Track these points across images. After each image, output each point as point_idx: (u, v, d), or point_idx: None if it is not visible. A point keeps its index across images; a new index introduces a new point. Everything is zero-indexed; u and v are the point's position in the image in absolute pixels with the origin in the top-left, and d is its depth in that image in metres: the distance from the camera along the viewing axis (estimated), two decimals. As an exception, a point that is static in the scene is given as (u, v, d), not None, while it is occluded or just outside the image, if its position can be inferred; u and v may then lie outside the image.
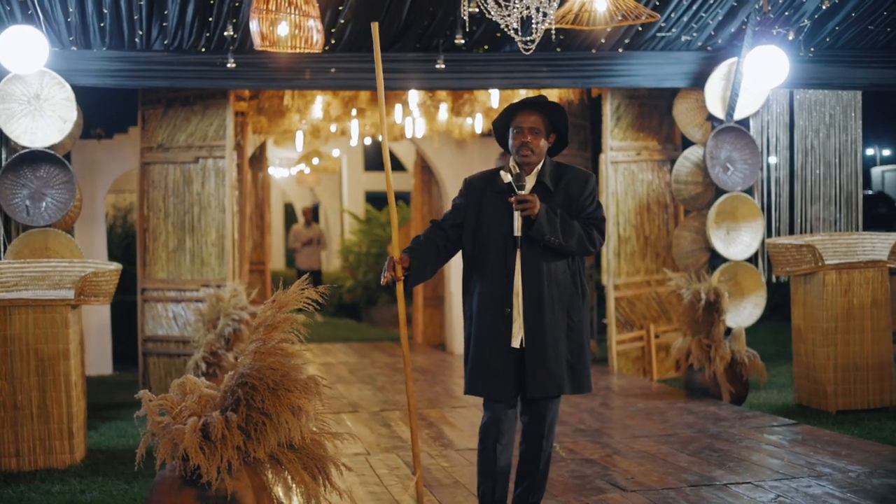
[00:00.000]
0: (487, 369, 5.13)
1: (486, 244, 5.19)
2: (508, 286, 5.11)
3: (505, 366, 5.12)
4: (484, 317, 5.15)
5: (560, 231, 5.07)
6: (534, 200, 5.03)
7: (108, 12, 9.00)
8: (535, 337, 5.09)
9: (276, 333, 5.09)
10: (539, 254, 5.11)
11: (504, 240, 5.14)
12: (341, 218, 23.28)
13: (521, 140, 5.15)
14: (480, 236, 5.21)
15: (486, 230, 5.19)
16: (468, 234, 5.25)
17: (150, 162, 10.57)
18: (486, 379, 5.14)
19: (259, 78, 9.99)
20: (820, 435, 7.69)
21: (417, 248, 5.27)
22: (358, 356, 13.51)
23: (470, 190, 5.31)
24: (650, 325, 11.27)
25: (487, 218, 5.20)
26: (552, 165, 5.25)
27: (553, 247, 5.09)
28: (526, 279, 5.10)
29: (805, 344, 9.05)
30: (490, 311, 5.14)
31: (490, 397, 5.17)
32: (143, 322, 10.52)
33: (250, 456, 4.93)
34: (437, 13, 9.52)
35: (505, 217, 5.16)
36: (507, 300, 5.10)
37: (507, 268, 5.12)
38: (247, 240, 12.12)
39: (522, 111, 5.21)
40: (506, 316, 5.10)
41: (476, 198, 5.26)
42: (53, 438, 7.49)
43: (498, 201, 5.19)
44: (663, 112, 11.39)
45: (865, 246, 9.25)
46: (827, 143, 10.92)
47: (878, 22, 10.26)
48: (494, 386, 5.13)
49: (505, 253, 5.13)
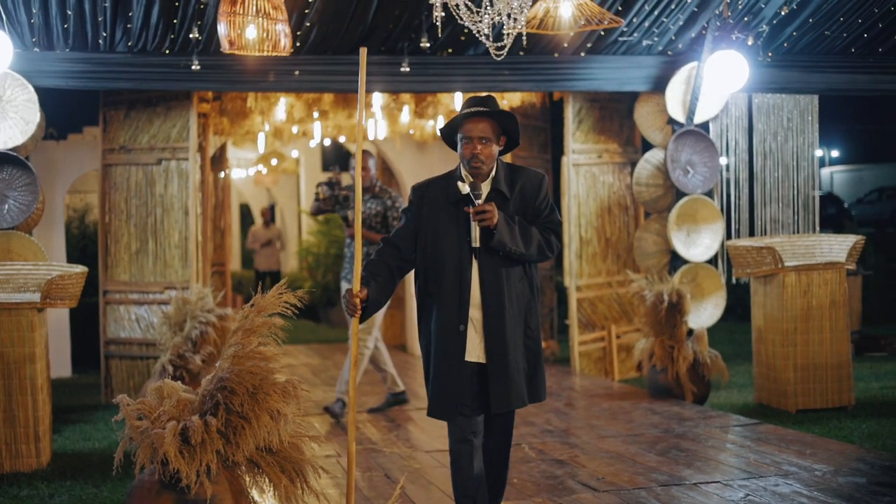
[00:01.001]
0: (451, 389, 4.98)
1: (442, 255, 5.00)
2: (465, 299, 4.96)
3: (469, 382, 4.99)
4: (442, 333, 5.00)
5: (520, 239, 4.94)
6: (492, 211, 4.85)
7: (72, 13, 8.94)
8: (497, 350, 4.96)
9: (253, 338, 5.10)
10: (497, 263, 4.96)
11: (460, 251, 4.97)
12: (299, 219, 23.22)
13: (471, 151, 4.97)
14: (436, 247, 5.02)
15: (442, 241, 5.01)
16: (423, 245, 5.06)
17: (111, 163, 10.50)
18: (452, 399, 4.99)
19: (223, 80, 9.97)
20: (783, 434, 7.83)
21: (372, 277, 5.04)
22: (320, 358, 13.50)
23: (422, 199, 5.12)
24: (611, 326, 11.40)
25: (442, 228, 5.02)
26: (506, 169, 5.10)
27: (512, 256, 4.95)
28: (485, 290, 4.96)
29: (765, 344, 9.20)
30: (448, 326, 4.98)
31: (456, 416, 5.01)
32: (105, 324, 10.45)
33: (229, 460, 4.94)
34: (402, 17, 9.56)
35: (461, 227, 4.99)
36: (463, 317, 4.96)
37: (464, 280, 4.96)
38: (208, 241, 12.07)
39: (470, 119, 5.01)
40: (460, 332, 4.96)
41: (429, 207, 5.08)
42: (20, 442, 7.44)
43: (453, 211, 5.02)
44: (624, 115, 11.52)
45: (823, 248, 9.41)
46: (785, 146, 11.10)
47: (834, 28, 10.46)
48: (461, 404, 4.98)
49: (461, 264, 4.97)
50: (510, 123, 5.07)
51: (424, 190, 5.16)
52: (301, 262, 20.79)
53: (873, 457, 6.99)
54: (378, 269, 5.08)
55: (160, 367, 8.75)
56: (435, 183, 5.18)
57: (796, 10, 10.07)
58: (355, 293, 4.97)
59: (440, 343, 5.01)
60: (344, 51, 9.95)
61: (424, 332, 5.15)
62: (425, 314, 5.13)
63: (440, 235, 5.02)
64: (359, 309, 4.98)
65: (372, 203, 9.12)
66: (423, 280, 5.10)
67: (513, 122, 5.08)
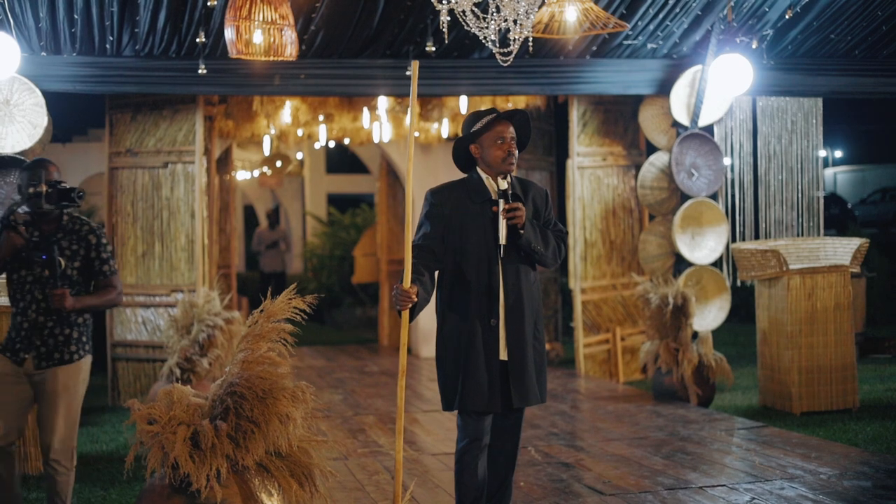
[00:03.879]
0: (480, 383, 5.07)
1: (468, 255, 5.13)
2: (494, 297, 5.09)
3: (494, 379, 5.08)
4: (472, 330, 5.10)
5: (542, 241, 5.12)
6: (522, 208, 5.03)
7: (79, 18, 8.98)
8: (517, 347, 5.09)
9: (263, 343, 5.14)
10: (518, 265, 5.12)
11: (487, 250, 5.10)
12: (303, 220, 23.26)
13: (507, 149, 5.13)
14: (463, 246, 5.14)
15: (469, 240, 5.13)
16: (451, 245, 5.17)
17: (118, 167, 10.55)
18: (479, 394, 5.07)
19: (230, 84, 10.00)
20: (788, 437, 7.86)
21: (419, 278, 5.06)
22: (325, 360, 13.54)
23: (444, 201, 5.20)
24: (616, 329, 11.43)
25: (468, 228, 5.14)
26: (516, 179, 5.25)
27: (535, 256, 5.11)
28: (507, 289, 5.10)
29: (770, 347, 9.23)
30: (477, 323, 5.09)
31: (482, 411, 5.10)
32: (112, 327, 10.50)
33: (239, 464, 4.98)
34: (407, 21, 9.59)
35: (487, 227, 5.11)
36: (494, 312, 5.09)
37: (492, 279, 5.09)
38: (214, 244, 12.11)
39: (503, 121, 5.19)
40: (492, 327, 5.08)
41: (453, 208, 5.17)
42: (28, 445, 7.46)
43: (478, 211, 5.14)
44: (628, 118, 11.56)
45: (828, 251, 9.45)
46: (789, 149, 11.13)
47: (838, 31, 10.48)
48: (487, 400, 5.07)
49: (489, 264, 5.10)
50: (526, 132, 5.28)
51: (445, 192, 5.25)
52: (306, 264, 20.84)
53: (878, 460, 7.02)
54: (419, 269, 5.11)
55: (167, 370, 8.80)
56: (454, 186, 5.28)
57: (800, 13, 10.09)
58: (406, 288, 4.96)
59: (472, 338, 5.09)
60: (349, 55, 9.98)
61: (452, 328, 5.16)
62: (451, 313, 5.18)
63: (468, 235, 5.14)
64: (413, 299, 4.94)
65: (66, 241, 5.76)
66: (451, 278, 5.19)
67: (528, 132, 5.30)
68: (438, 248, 5.18)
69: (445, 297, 5.23)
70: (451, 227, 5.18)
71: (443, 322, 5.24)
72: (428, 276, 5.13)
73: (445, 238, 5.17)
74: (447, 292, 5.22)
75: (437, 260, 5.18)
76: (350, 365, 12.98)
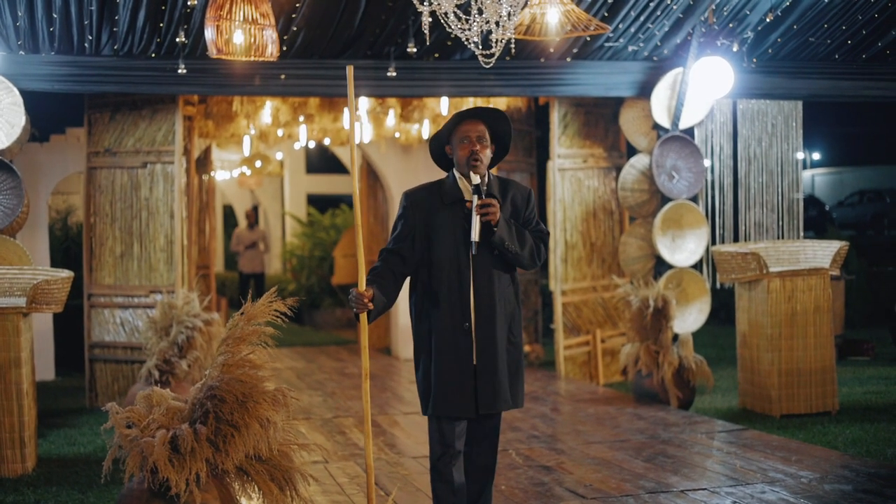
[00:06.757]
0: (453, 387, 4.99)
1: (439, 256, 5.04)
2: (466, 300, 5.00)
3: (467, 383, 5.00)
4: (445, 332, 5.01)
5: (517, 240, 5.01)
6: (496, 205, 4.93)
7: (58, 16, 8.91)
8: (488, 351, 5.00)
9: (243, 346, 5.11)
10: (490, 266, 5.02)
11: (458, 251, 5.01)
12: (282, 220, 23.19)
13: (469, 149, 5.01)
14: (434, 248, 5.06)
15: (440, 242, 5.05)
16: (420, 247, 5.08)
17: (96, 167, 10.47)
18: (454, 398, 4.99)
19: (209, 84, 9.94)
20: (769, 440, 7.87)
21: (376, 280, 5.04)
22: (304, 361, 13.49)
23: (416, 203, 5.12)
24: (596, 330, 11.44)
25: (439, 229, 5.06)
26: (496, 179, 5.15)
27: (509, 256, 5.00)
28: (477, 291, 5.00)
29: (750, 349, 9.24)
30: (451, 326, 5.00)
31: (455, 416, 5.02)
32: (90, 328, 10.42)
33: (218, 468, 4.94)
34: (388, 22, 9.56)
35: (458, 226, 5.03)
36: (467, 315, 5.00)
37: (463, 281, 5.00)
38: (193, 244, 12.04)
39: (469, 120, 5.09)
40: (465, 330, 4.99)
41: (425, 210, 5.10)
42: (5, 448, 7.40)
43: (449, 211, 5.06)
44: (609, 120, 11.57)
45: (807, 254, 9.47)
46: (769, 151, 11.17)
47: (818, 34, 10.52)
48: (461, 404, 4.99)
49: (459, 265, 5.01)
50: (504, 127, 5.15)
51: (418, 194, 5.17)
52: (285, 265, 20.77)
53: (858, 463, 7.03)
54: (383, 273, 5.07)
55: (146, 372, 8.74)
56: (427, 188, 5.20)
57: (781, 16, 10.12)
58: (361, 291, 4.92)
59: (446, 341, 5.01)
60: (330, 55, 9.94)
61: (425, 331, 5.11)
62: (424, 314, 5.12)
63: (438, 237, 5.05)
64: (367, 303, 4.91)
65: None
66: (423, 281, 5.12)
67: (507, 127, 5.15)
68: (408, 252, 5.10)
69: (419, 300, 5.16)
70: (422, 229, 5.10)
71: (417, 325, 5.17)
72: (391, 280, 5.07)
73: (416, 240, 5.10)
74: (420, 295, 5.15)
75: (406, 264, 5.11)
76: (330, 366, 12.93)
